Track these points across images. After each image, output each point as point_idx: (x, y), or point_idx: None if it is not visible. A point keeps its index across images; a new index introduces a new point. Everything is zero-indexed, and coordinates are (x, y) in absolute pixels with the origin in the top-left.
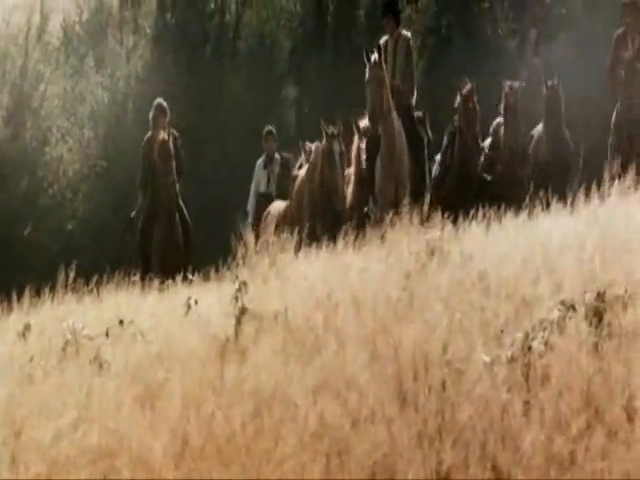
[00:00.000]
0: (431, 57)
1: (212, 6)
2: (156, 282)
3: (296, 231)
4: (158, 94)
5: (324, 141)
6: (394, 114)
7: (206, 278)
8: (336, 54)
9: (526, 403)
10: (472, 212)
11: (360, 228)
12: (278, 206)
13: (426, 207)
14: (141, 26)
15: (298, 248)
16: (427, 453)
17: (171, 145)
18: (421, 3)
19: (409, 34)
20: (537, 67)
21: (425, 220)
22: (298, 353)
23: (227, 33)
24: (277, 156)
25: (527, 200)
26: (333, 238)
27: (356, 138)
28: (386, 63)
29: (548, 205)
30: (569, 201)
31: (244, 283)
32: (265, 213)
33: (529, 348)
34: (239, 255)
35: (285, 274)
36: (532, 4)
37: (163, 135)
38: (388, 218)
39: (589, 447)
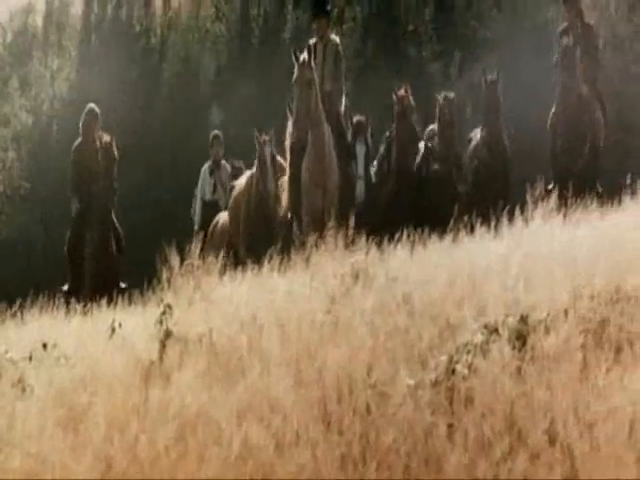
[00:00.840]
0: (356, 80)
1: (137, 29)
2: (80, 305)
3: (221, 253)
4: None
5: (257, 150)
6: (324, 120)
7: (131, 301)
8: (262, 76)
9: (450, 426)
10: (397, 235)
11: (285, 250)
12: (226, 216)
13: (351, 229)
14: (66, 48)
15: (223, 271)
16: (351, 476)
17: (114, 148)
18: (347, 26)
19: (338, 38)
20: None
21: (350, 243)
22: (222, 376)
23: (152, 55)
24: (224, 163)
25: (451, 223)
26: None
27: (288, 143)
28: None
29: (472, 229)
30: (493, 224)
31: (169, 306)
32: (213, 222)
33: (453, 371)
34: (164, 278)
35: (210, 297)
36: (457, 27)
37: (106, 137)
38: (312, 241)
39: (512, 470)
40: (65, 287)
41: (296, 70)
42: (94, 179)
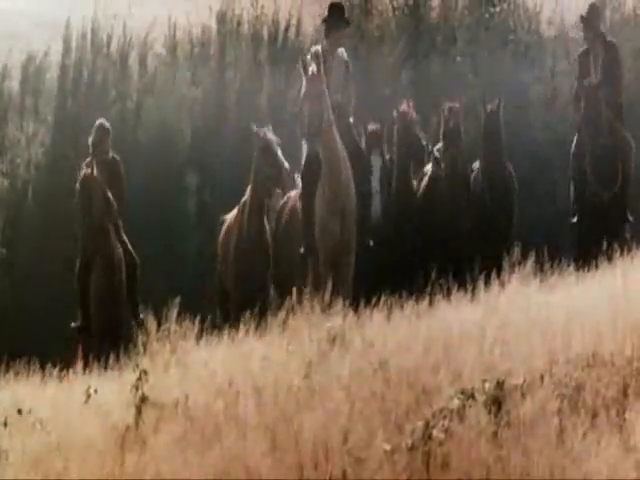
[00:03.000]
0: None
1: (113, 93)
2: (56, 370)
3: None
4: (57, 182)
5: (255, 153)
6: (337, 136)
7: (106, 366)
8: (239, 141)
9: None
10: (374, 299)
11: (262, 315)
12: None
13: (328, 295)
14: (42, 112)
15: (200, 335)
16: None
17: (96, 180)
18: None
19: (345, 52)
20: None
21: (327, 307)
22: (198, 441)
23: (128, 120)
24: None
25: (429, 287)
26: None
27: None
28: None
29: (449, 292)
30: (469, 288)
31: (144, 372)
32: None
33: (429, 436)
34: (140, 342)
35: (186, 362)
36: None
37: (85, 170)
38: (289, 305)
39: None
40: (75, 324)
41: (305, 83)
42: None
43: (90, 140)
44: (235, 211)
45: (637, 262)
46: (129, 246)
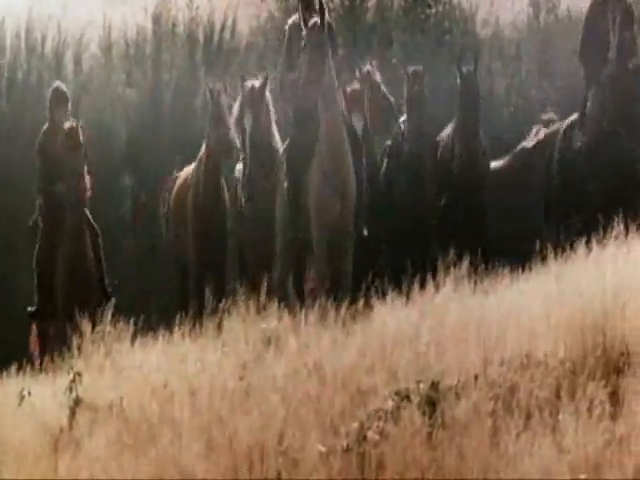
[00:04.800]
0: None
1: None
2: None
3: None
4: None
5: (210, 103)
6: (338, 99)
7: (41, 368)
8: (174, 142)
9: None
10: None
11: (198, 316)
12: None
13: (263, 296)
14: None
15: (135, 337)
16: None
17: (80, 135)
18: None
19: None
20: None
21: (261, 309)
22: (133, 444)
23: None
24: None
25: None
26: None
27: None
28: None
29: (384, 294)
30: (404, 290)
31: (79, 374)
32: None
33: (364, 438)
34: (74, 345)
35: (121, 364)
36: None
37: (70, 123)
38: (224, 306)
39: None
40: (31, 308)
41: (306, 34)
42: (62, 174)
43: (47, 105)
44: (189, 169)
45: (571, 263)
46: (89, 215)
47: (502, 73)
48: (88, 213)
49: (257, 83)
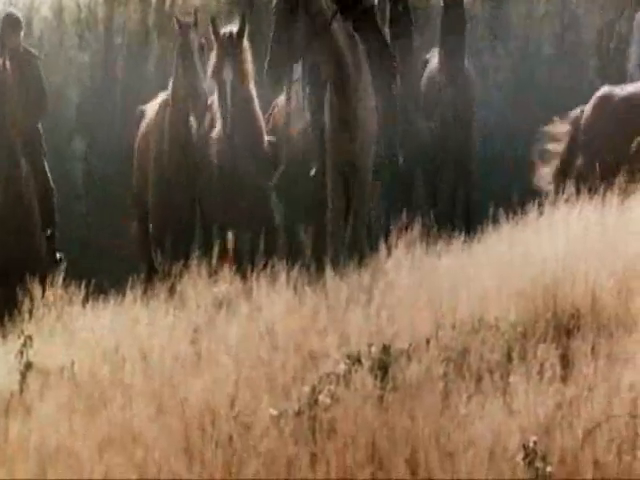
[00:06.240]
0: None
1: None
2: None
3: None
4: None
5: (177, 39)
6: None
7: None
8: (126, 107)
9: (313, 456)
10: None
11: (149, 280)
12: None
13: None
14: None
15: (86, 301)
16: None
17: (8, 68)
18: None
19: None
20: None
21: (213, 272)
22: (84, 408)
23: None
24: None
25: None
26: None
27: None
28: None
29: (337, 257)
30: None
31: (29, 337)
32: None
33: (316, 401)
34: (25, 308)
35: (72, 328)
36: None
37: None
38: (176, 270)
39: None
40: None
41: None
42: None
43: None
44: (156, 105)
45: (522, 227)
46: (45, 166)
47: None
48: (44, 161)
49: (234, 29)
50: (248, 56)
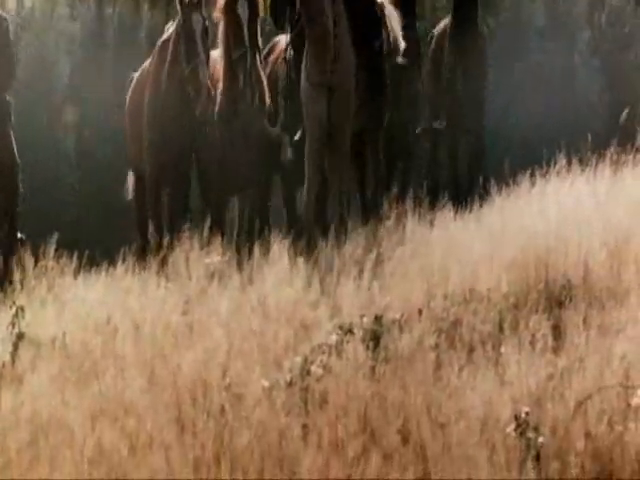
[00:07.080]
0: None
1: None
2: None
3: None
4: None
5: (179, 17)
6: None
7: None
8: (117, 77)
9: (304, 427)
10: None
11: (142, 252)
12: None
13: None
14: None
15: (78, 272)
16: (204, 479)
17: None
18: None
19: None
20: None
21: (205, 244)
22: (76, 379)
23: None
24: None
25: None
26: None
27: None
28: None
29: (327, 229)
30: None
31: (21, 308)
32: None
33: (308, 372)
34: (16, 279)
35: (64, 298)
36: None
37: None
38: (167, 241)
39: (365, 470)
40: None
41: None
42: None
43: None
44: (147, 65)
45: (514, 199)
46: (11, 140)
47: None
48: (10, 134)
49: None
50: None
